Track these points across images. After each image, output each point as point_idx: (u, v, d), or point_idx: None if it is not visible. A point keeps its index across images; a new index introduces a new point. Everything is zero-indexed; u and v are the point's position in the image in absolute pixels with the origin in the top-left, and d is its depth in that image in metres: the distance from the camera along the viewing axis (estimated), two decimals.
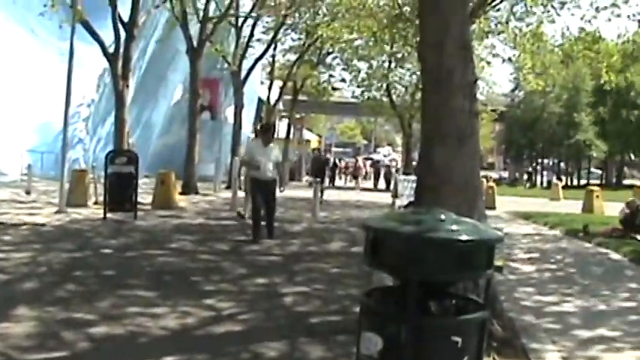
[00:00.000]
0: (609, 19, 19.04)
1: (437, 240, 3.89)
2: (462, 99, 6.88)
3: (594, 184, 50.77)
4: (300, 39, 42.23)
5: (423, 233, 3.91)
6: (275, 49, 42.53)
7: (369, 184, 55.68)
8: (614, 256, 14.59)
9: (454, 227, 3.97)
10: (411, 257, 3.90)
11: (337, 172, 57.36)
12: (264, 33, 39.37)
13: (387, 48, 36.12)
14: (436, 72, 7.04)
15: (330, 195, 31.41)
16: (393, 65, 44.38)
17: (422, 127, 7.59)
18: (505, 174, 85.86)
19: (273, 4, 33.25)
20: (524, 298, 9.53)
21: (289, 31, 40.21)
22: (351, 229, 17.87)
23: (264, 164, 14.17)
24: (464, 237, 3.90)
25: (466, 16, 7.75)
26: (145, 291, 8.87)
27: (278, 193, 15.14)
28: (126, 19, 22.34)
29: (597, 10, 19.53)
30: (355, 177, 52.19)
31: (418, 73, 33.63)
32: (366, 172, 62.45)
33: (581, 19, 21.38)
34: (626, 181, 77.75)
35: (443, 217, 4.05)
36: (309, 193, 24.11)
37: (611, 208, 24.59)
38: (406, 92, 46.67)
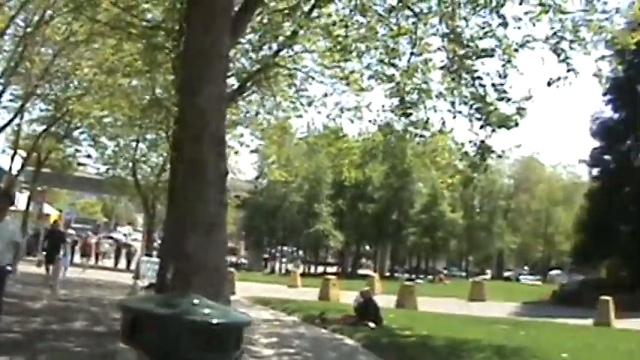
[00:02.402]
0: (352, 121, 20.40)
1: (191, 322, 4.25)
2: (213, 191, 7.32)
3: (331, 273, 52.95)
4: (48, 110, 40.97)
5: (179, 315, 4.25)
6: (22, 118, 40.98)
7: (110, 262, 54.43)
8: (349, 341, 15.45)
9: (207, 311, 4.35)
10: (167, 338, 4.21)
11: (75, 248, 55.22)
12: (11, 101, 37.95)
13: (137, 129, 35.81)
14: (192, 163, 7.45)
15: (71, 272, 30.46)
16: (142, 146, 44.03)
17: (170, 212, 7.94)
18: (245, 259, 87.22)
19: (24, 71, 32.34)
20: None
21: (38, 101, 39.00)
22: (92, 309, 17.56)
23: None
24: (216, 320, 4.29)
25: (223, 112, 8.28)
26: None
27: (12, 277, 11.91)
28: None
29: (342, 110, 20.92)
30: (85, 255, 48.52)
31: (165, 154, 33.85)
32: (104, 252, 60.81)
33: (327, 116, 22.71)
34: (361, 271, 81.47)
35: (197, 301, 4.42)
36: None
37: (347, 296, 25.78)
38: (152, 173, 46.34)
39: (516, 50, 13.87)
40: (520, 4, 13.80)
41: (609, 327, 25.50)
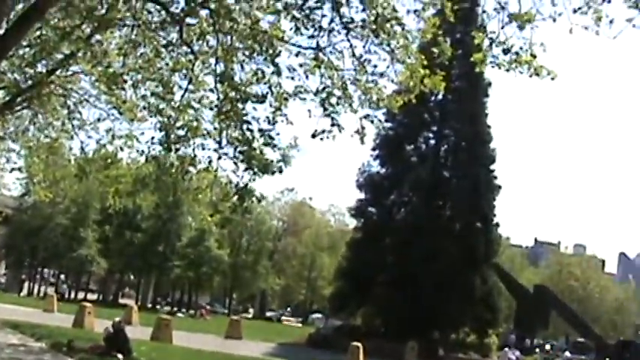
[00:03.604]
0: (122, 149, 20.21)
1: None
2: None
3: (91, 300, 51.59)
4: None
5: None
6: None
7: None
8: None
9: None
10: None
11: None
12: None
13: None
14: None
15: None
16: None
17: None
18: (3, 279, 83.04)
19: None
20: None
21: None
22: None
23: None
24: None
25: None
26: None
27: None
28: None
29: (114, 137, 20.67)
30: None
31: None
32: None
33: (97, 142, 22.36)
34: (123, 300, 79.91)
35: None
36: None
37: (103, 325, 25.31)
38: None
39: (286, 99, 14.43)
40: (296, 55, 14.40)
41: None
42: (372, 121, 15.11)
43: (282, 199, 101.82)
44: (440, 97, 47.40)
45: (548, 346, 63.03)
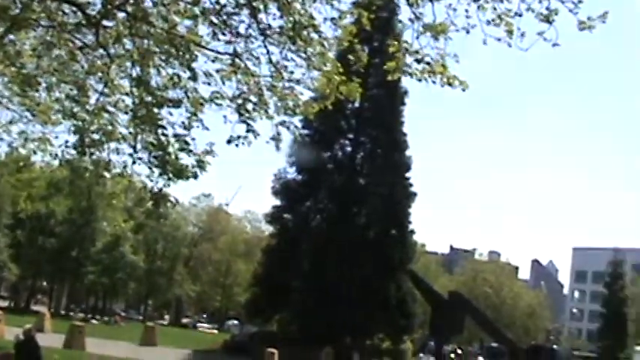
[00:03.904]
0: (35, 152, 19.83)
1: None
2: None
3: (1, 307, 50.41)
4: None
5: None
6: None
7: None
8: None
9: None
10: None
11: None
12: None
13: None
14: None
15: None
16: None
17: None
18: None
19: None
20: None
21: None
22: None
23: None
24: None
25: None
26: None
27: None
28: None
29: (26, 140, 20.22)
30: None
31: None
32: None
33: (9, 145, 21.88)
34: (36, 307, 78.10)
35: None
36: None
37: (14, 333, 24.79)
38: None
39: (202, 105, 14.40)
40: (213, 61, 14.39)
41: None
42: (287, 128, 15.16)
43: (198, 205, 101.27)
44: (356, 104, 48.01)
45: (459, 351, 64.02)
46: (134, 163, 14.77)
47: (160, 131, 14.20)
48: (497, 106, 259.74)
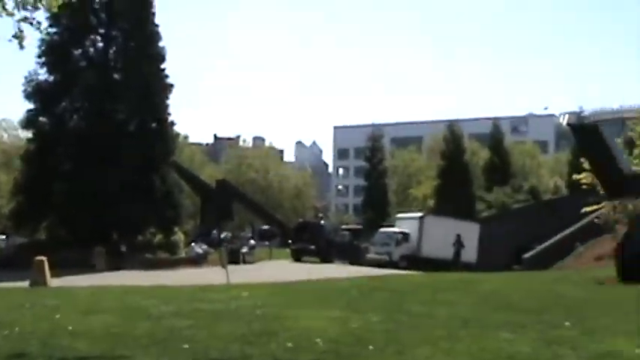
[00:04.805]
0: None
1: None
2: None
3: None
4: None
5: None
6: None
7: None
8: None
9: None
10: None
11: None
12: None
13: None
14: None
15: None
16: None
17: None
18: None
19: None
20: None
21: None
22: None
23: None
24: None
25: None
26: None
27: None
28: None
29: None
30: None
31: None
32: None
33: None
34: None
35: None
36: None
37: None
38: None
39: None
40: None
41: (45, 286, 26.10)
42: (31, 24, 14.52)
43: None
44: None
45: (227, 235, 65.31)
46: None
47: None
48: None
